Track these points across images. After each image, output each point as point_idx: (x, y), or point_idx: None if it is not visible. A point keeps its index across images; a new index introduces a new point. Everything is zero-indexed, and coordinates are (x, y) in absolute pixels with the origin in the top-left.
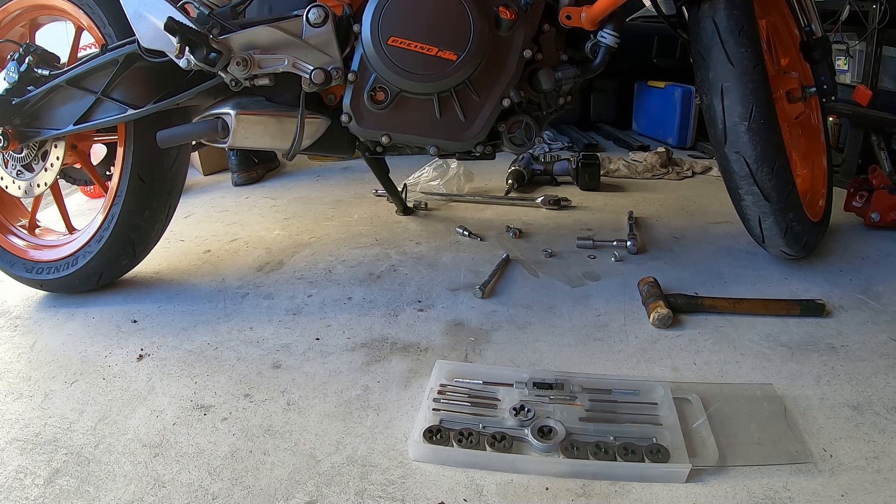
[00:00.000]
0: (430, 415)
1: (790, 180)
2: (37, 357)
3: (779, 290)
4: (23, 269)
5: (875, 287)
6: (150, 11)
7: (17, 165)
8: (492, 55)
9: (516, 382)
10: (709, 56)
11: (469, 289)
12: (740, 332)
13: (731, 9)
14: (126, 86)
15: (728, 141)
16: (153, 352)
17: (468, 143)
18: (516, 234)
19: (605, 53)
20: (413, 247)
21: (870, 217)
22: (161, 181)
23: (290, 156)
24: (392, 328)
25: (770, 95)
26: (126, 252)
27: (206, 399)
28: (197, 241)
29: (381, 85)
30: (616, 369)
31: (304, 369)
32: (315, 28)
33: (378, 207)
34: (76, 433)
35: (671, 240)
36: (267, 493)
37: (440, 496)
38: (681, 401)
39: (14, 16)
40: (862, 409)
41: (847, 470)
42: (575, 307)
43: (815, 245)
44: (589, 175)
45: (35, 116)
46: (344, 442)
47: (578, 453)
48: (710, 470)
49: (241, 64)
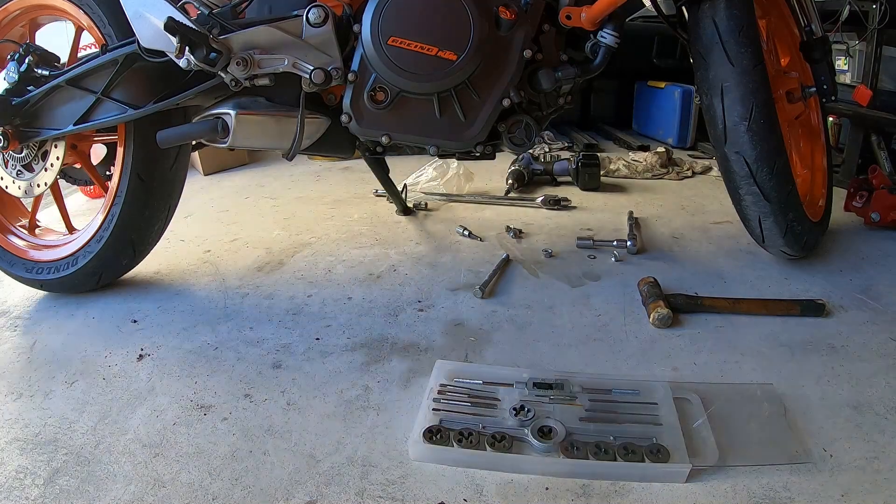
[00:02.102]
0: (430, 415)
1: (790, 180)
2: (37, 357)
3: (779, 290)
4: (23, 269)
5: (875, 287)
6: (150, 11)
7: (17, 165)
8: (492, 55)
9: (516, 382)
10: (709, 56)
11: (469, 289)
12: (740, 332)
13: (731, 9)
14: (126, 86)
15: (728, 141)
16: (153, 352)
17: (468, 143)
18: (516, 235)
19: (605, 53)
20: (413, 247)
21: (870, 217)
22: (161, 181)
23: (290, 156)
24: (392, 328)
25: (770, 95)
26: (126, 252)
27: (206, 399)
28: (197, 241)
29: (381, 85)
30: (616, 369)
31: (304, 369)
32: (315, 28)
33: (378, 207)
34: (76, 433)
35: (671, 240)
36: (267, 493)
37: (440, 496)
38: (681, 401)
39: (14, 16)
40: (862, 409)
41: (847, 470)
42: (575, 307)
43: (815, 245)
44: (589, 175)
45: (35, 116)
46: (344, 442)
47: (578, 453)
48: (710, 470)
49: (241, 64)
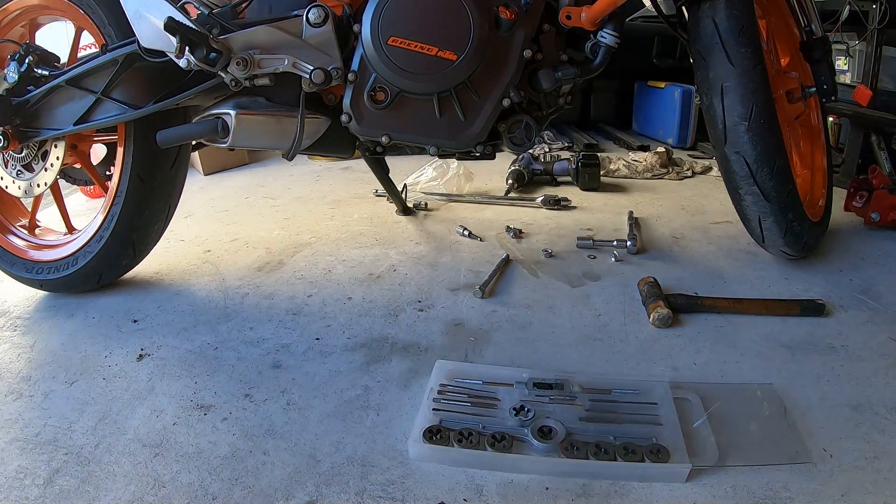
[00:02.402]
0: (430, 415)
1: (790, 180)
2: (37, 357)
3: (779, 290)
4: (23, 269)
5: (875, 287)
6: (150, 11)
7: (17, 165)
8: (492, 55)
9: (516, 382)
10: (709, 56)
11: (469, 289)
12: (740, 332)
13: (731, 9)
14: (126, 86)
15: (728, 141)
16: (153, 352)
17: (468, 143)
18: (516, 235)
19: (605, 53)
20: (413, 247)
21: (870, 217)
22: (161, 181)
23: (290, 156)
24: (392, 328)
25: (770, 95)
26: (126, 252)
27: (206, 399)
28: (197, 241)
29: (381, 85)
30: (616, 369)
31: (304, 369)
32: (315, 28)
33: (378, 207)
34: (76, 433)
35: (671, 240)
36: (267, 493)
37: (440, 496)
38: (681, 401)
39: (14, 16)
40: (862, 409)
41: (847, 470)
42: (575, 307)
43: (815, 245)
44: (589, 175)
45: (35, 116)
46: (344, 442)
47: (578, 453)
48: (710, 470)
49: (241, 64)
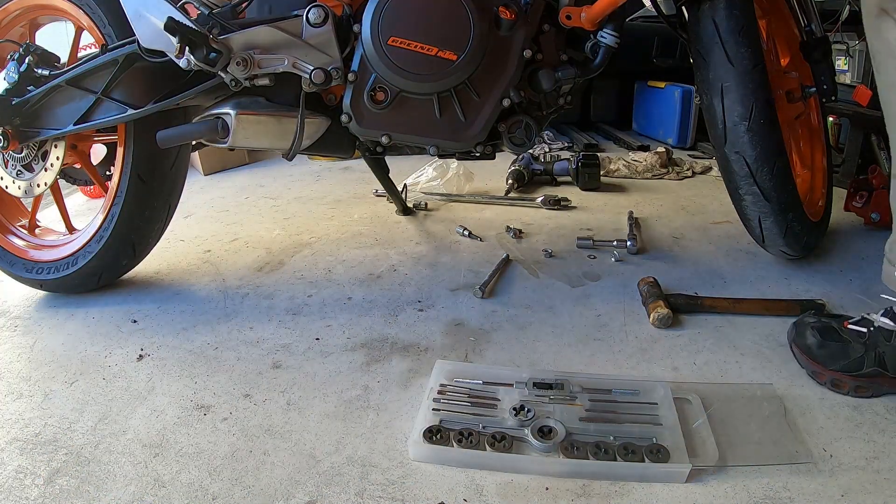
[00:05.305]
0: (430, 415)
1: (790, 180)
2: (37, 357)
3: (779, 290)
4: (23, 269)
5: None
6: (150, 11)
7: (17, 165)
8: (492, 55)
9: (516, 382)
10: (709, 56)
11: (469, 289)
12: (740, 332)
13: (731, 9)
14: (126, 86)
15: (728, 141)
16: (153, 352)
17: (468, 143)
18: (516, 235)
19: (605, 53)
20: (413, 247)
21: (870, 217)
22: (161, 181)
23: (290, 156)
24: (392, 328)
25: (770, 95)
26: (126, 252)
27: (206, 399)
28: (197, 241)
29: (381, 85)
30: (616, 369)
31: (304, 369)
32: (315, 28)
33: (378, 207)
34: (76, 433)
35: (671, 240)
36: (267, 493)
37: (440, 496)
38: (681, 401)
39: (14, 16)
40: (862, 409)
41: (847, 470)
42: (575, 307)
43: (815, 245)
44: (589, 175)
45: (35, 116)
46: (344, 442)
47: (578, 453)
48: (710, 470)
49: (241, 64)
